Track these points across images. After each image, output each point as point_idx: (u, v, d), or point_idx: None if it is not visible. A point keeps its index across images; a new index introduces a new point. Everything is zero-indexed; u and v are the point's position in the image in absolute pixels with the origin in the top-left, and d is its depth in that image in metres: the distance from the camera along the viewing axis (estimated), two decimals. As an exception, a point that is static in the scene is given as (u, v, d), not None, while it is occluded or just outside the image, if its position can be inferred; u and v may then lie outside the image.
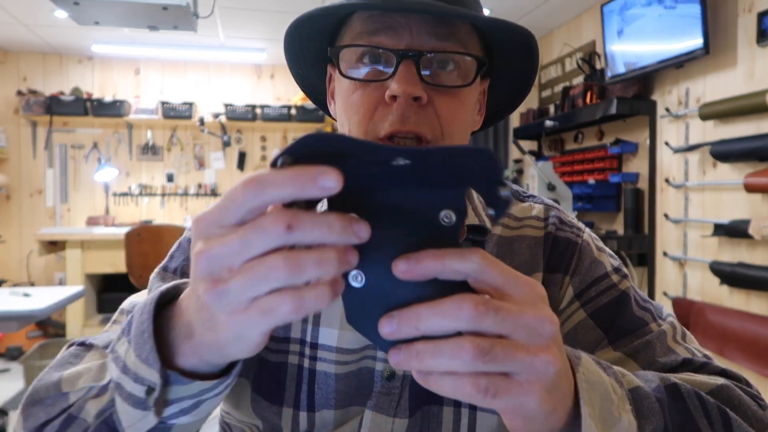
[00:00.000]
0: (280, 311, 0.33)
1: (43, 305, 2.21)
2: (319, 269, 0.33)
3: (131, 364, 0.42)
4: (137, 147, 4.95)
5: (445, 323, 0.34)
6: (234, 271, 0.33)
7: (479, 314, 0.33)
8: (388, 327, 0.35)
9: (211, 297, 0.34)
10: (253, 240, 0.32)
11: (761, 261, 2.46)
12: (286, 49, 0.67)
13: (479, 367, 0.34)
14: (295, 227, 0.32)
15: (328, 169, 0.32)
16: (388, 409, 0.64)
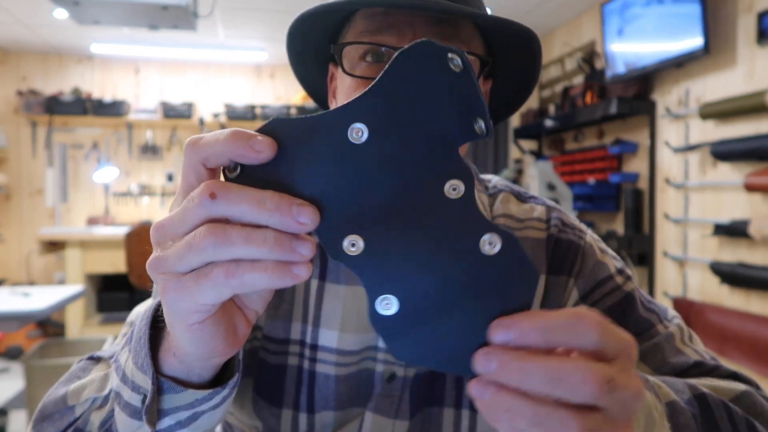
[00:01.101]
0: (212, 275, 0.32)
1: (43, 305, 2.21)
2: (247, 245, 0.31)
3: (129, 372, 0.42)
4: (137, 147, 4.95)
5: (555, 389, 0.30)
6: (175, 240, 0.33)
7: (602, 394, 0.30)
8: (485, 365, 0.31)
9: (153, 265, 0.34)
10: (186, 210, 0.33)
11: (761, 261, 2.46)
12: (289, 46, 0.67)
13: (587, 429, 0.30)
14: (219, 196, 0.31)
15: (261, 135, 0.32)
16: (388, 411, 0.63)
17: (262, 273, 0.31)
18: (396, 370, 0.64)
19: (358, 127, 0.32)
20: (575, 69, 3.78)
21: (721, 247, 2.67)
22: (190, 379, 0.41)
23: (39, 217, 4.74)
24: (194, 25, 2.64)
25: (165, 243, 0.34)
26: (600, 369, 0.30)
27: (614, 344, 0.31)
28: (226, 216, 0.32)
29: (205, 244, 0.31)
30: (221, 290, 0.32)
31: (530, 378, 0.30)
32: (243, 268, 0.31)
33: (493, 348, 0.31)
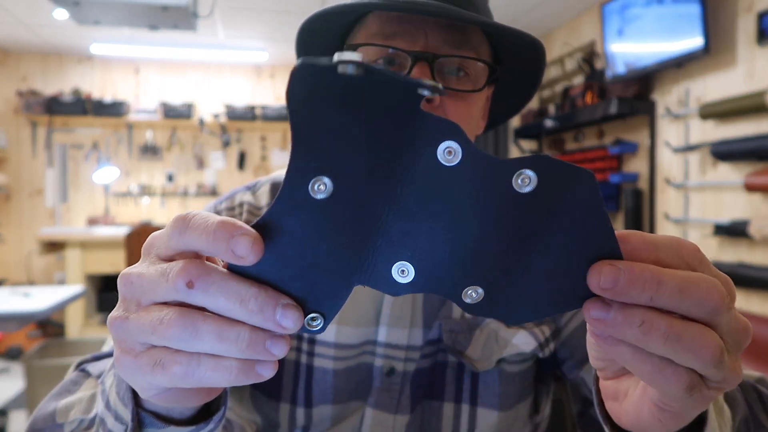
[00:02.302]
0: (170, 371, 0.29)
1: (43, 305, 2.21)
2: (218, 343, 0.28)
3: (113, 401, 0.41)
4: (137, 147, 4.95)
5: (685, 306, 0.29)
6: (140, 307, 0.31)
7: (722, 307, 0.29)
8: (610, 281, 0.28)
9: (113, 326, 0.31)
10: (157, 283, 0.30)
11: (761, 261, 2.45)
12: (299, 43, 0.67)
13: (706, 371, 0.30)
14: (197, 286, 0.28)
15: (248, 232, 0.28)
16: (389, 406, 0.64)
17: (224, 373, 0.29)
18: (395, 364, 0.64)
19: (321, 180, 0.28)
20: (575, 69, 3.78)
21: (721, 247, 2.67)
22: (172, 416, 0.40)
23: (39, 218, 4.74)
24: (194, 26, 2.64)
25: (130, 303, 0.31)
26: (720, 285, 0.29)
27: (715, 274, 0.31)
28: (202, 306, 0.29)
29: (171, 333, 0.29)
30: (177, 383, 0.30)
31: (662, 289, 0.28)
32: (204, 368, 0.29)
33: (613, 264, 0.29)
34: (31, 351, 2.71)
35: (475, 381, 0.65)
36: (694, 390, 0.30)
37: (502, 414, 0.65)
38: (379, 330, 0.65)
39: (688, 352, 0.29)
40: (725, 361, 0.29)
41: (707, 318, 0.29)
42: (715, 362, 0.29)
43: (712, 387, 0.31)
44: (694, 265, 0.30)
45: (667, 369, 0.29)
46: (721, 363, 0.29)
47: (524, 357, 0.66)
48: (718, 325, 0.30)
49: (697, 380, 0.30)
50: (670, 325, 0.28)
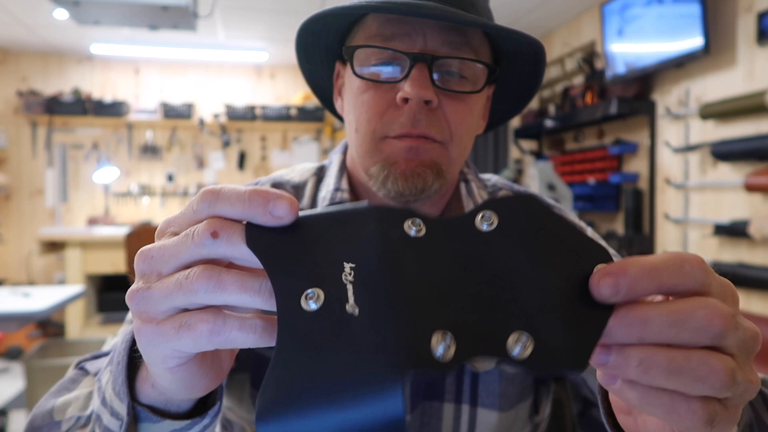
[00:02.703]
0: (197, 329, 0.30)
1: (43, 305, 2.21)
2: (242, 293, 0.30)
3: (108, 397, 0.41)
4: (137, 147, 4.95)
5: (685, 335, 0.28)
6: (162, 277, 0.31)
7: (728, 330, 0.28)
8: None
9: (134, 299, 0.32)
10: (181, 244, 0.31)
11: (761, 261, 2.45)
12: (298, 42, 0.68)
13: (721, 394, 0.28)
14: (222, 235, 0.30)
15: (283, 195, 0.30)
16: None
17: (249, 333, 0.30)
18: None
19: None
20: (575, 69, 3.79)
21: (721, 248, 2.67)
22: (169, 410, 0.40)
23: (39, 217, 4.74)
24: (194, 26, 2.64)
25: (150, 275, 0.32)
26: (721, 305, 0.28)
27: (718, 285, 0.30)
28: (226, 257, 0.31)
29: (198, 286, 0.30)
30: (202, 344, 0.30)
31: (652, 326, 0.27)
32: (230, 326, 0.30)
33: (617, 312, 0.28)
34: (31, 351, 2.71)
35: (475, 381, 0.65)
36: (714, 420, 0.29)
37: (502, 414, 0.65)
38: None
39: (696, 381, 0.28)
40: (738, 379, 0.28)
41: (713, 343, 0.28)
42: (726, 385, 0.28)
43: (732, 406, 0.30)
44: (701, 279, 0.29)
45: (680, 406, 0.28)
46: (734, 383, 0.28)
47: None
48: (726, 346, 0.29)
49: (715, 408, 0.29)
50: (670, 359, 0.27)
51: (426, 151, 0.59)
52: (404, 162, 0.59)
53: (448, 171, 0.62)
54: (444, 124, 0.59)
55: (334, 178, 0.70)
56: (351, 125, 0.63)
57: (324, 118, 4.95)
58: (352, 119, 0.63)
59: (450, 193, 0.71)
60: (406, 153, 0.59)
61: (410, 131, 0.58)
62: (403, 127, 0.58)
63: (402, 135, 0.58)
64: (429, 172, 0.60)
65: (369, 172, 0.62)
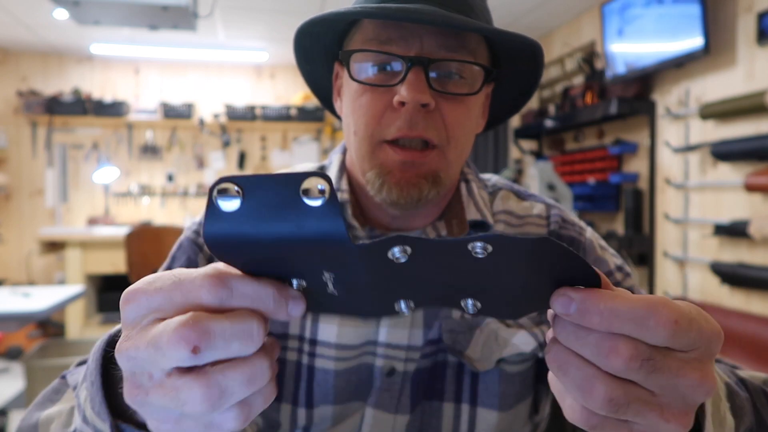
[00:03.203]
0: (230, 414, 0.30)
1: (43, 305, 2.21)
2: (250, 388, 0.30)
3: (89, 416, 0.40)
4: (137, 147, 4.95)
5: (590, 354, 0.30)
6: (153, 380, 0.30)
7: (630, 369, 0.30)
8: (563, 307, 0.31)
9: (134, 403, 0.31)
10: (158, 350, 0.28)
11: (761, 261, 2.45)
12: (297, 43, 0.68)
13: (606, 413, 0.31)
14: (203, 348, 0.28)
15: (296, 294, 0.30)
16: (389, 406, 0.64)
17: (267, 397, 0.33)
18: (395, 364, 0.64)
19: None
20: (575, 69, 3.78)
21: (721, 247, 2.67)
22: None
23: (39, 217, 4.74)
24: (194, 26, 2.64)
25: (141, 377, 0.30)
26: (637, 347, 0.30)
27: (689, 341, 0.30)
28: (204, 363, 0.29)
29: (201, 410, 0.29)
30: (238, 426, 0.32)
31: (567, 334, 0.31)
32: (255, 407, 0.32)
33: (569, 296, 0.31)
34: (31, 351, 2.71)
35: (475, 381, 0.65)
36: (618, 405, 0.31)
37: (501, 414, 0.65)
38: (379, 330, 0.65)
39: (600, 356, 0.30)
40: (634, 407, 0.30)
41: (616, 374, 0.30)
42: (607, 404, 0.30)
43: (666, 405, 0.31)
44: (663, 338, 0.30)
45: (589, 380, 0.31)
46: (622, 406, 0.30)
47: (524, 357, 0.66)
48: (643, 386, 0.31)
49: (621, 392, 0.30)
50: (577, 376, 0.31)
51: (422, 164, 0.59)
52: (399, 172, 0.60)
53: (447, 177, 0.62)
54: (441, 126, 0.59)
55: (334, 179, 0.70)
56: (349, 128, 0.63)
57: (324, 118, 4.95)
58: (350, 122, 0.63)
59: (450, 194, 0.71)
60: (401, 167, 0.59)
61: (407, 134, 0.58)
62: (400, 129, 0.58)
63: (399, 137, 0.58)
64: (425, 182, 0.60)
65: (365, 176, 0.62)
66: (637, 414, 0.31)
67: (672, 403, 0.31)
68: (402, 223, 0.68)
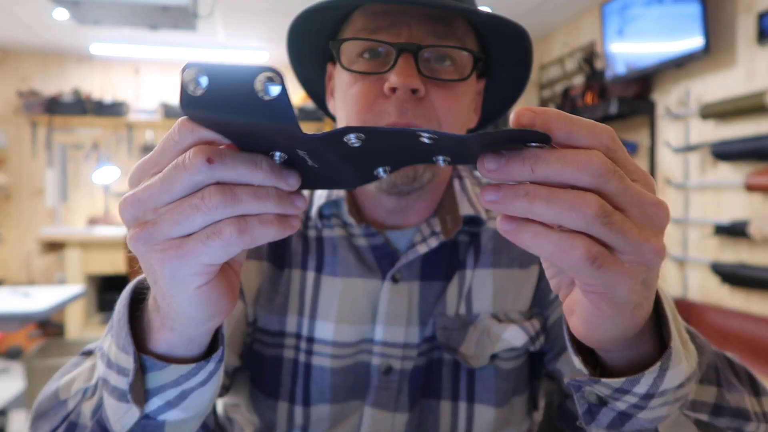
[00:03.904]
0: (224, 234, 0.32)
1: (43, 305, 2.21)
2: (257, 201, 0.32)
3: (113, 357, 0.42)
4: (137, 147, 4.95)
5: (568, 173, 0.30)
6: (160, 211, 0.32)
7: (607, 173, 0.30)
8: (493, 164, 0.30)
9: (140, 239, 0.33)
10: (174, 177, 0.31)
11: (761, 261, 2.45)
12: (289, 45, 0.68)
13: (595, 229, 0.30)
14: (217, 161, 0.31)
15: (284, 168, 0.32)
16: (387, 405, 0.64)
17: (269, 227, 0.32)
18: (392, 362, 0.64)
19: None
20: (575, 69, 3.79)
21: (721, 248, 2.67)
22: (190, 352, 0.41)
23: (39, 217, 4.74)
24: (194, 26, 2.64)
25: (145, 215, 0.33)
26: (604, 157, 0.30)
27: (627, 164, 0.32)
28: (222, 180, 0.32)
29: (216, 203, 0.31)
30: (231, 248, 0.32)
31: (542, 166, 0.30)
32: (252, 223, 0.32)
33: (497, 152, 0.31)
34: (31, 351, 2.71)
35: (471, 378, 0.66)
36: (597, 259, 0.30)
37: (498, 410, 0.66)
38: (375, 328, 0.65)
39: (569, 210, 0.29)
40: (617, 222, 0.30)
41: (592, 185, 0.30)
42: (596, 216, 0.29)
43: (628, 261, 0.31)
44: (606, 143, 0.31)
45: (564, 242, 0.30)
46: (608, 220, 0.30)
47: (517, 352, 0.67)
48: (606, 192, 0.30)
49: (598, 249, 0.30)
50: (550, 191, 0.30)
51: None
52: None
53: None
54: (432, 112, 0.60)
55: None
56: (342, 121, 0.64)
57: (324, 118, 4.96)
58: (342, 115, 0.63)
59: (443, 189, 0.71)
60: None
61: (398, 121, 0.58)
62: (391, 116, 0.58)
63: (390, 125, 0.59)
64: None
65: None
66: (622, 230, 0.30)
67: (645, 223, 0.31)
68: (397, 220, 0.69)
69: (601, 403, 0.40)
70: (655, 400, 0.38)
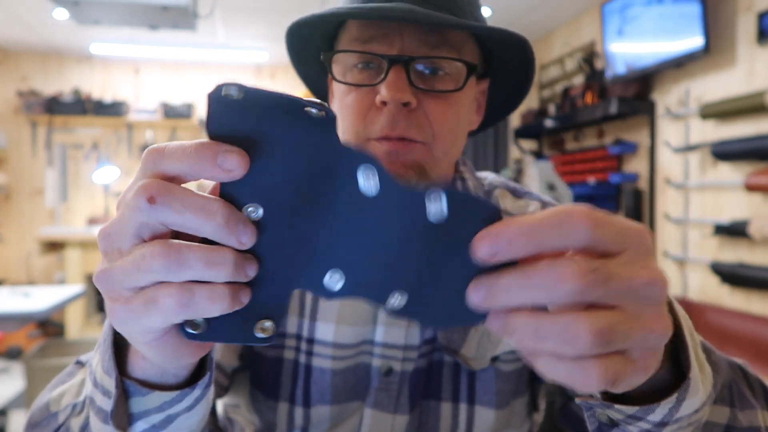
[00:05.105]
0: (163, 304, 0.29)
1: (43, 305, 2.21)
2: (207, 267, 0.28)
3: (99, 377, 0.41)
4: (137, 147, 4.95)
5: (543, 296, 0.27)
6: (122, 253, 0.30)
7: (586, 287, 0.27)
8: (476, 296, 0.29)
9: (100, 280, 0.31)
10: (124, 216, 0.29)
11: (761, 261, 2.45)
12: (289, 48, 0.68)
13: (599, 351, 0.27)
14: (160, 200, 0.28)
15: (233, 148, 0.28)
16: (387, 406, 0.64)
17: (219, 302, 0.29)
18: (393, 364, 0.64)
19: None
20: (575, 69, 3.78)
21: (721, 247, 2.67)
22: (165, 381, 0.39)
23: (39, 217, 4.74)
24: (194, 25, 2.64)
25: (112, 254, 0.31)
26: (578, 264, 0.27)
27: (614, 237, 0.28)
28: (166, 224, 0.29)
29: (156, 266, 0.28)
30: (172, 318, 0.30)
31: (514, 295, 0.28)
32: (199, 297, 0.29)
33: (478, 279, 0.30)
34: (31, 351, 2.71)
35: (472, 380, 0.66)
36: (616, 379, 0.28)
37: (499, 412, 0.66)
38: (376, 329, 0.65)
39: (565, 344, 0.27)
40: (619, 330, 0.27)
41: (576, 300, 0.27)
42: (598, 343, 0.27)
43: (636, 356, 0.29)
44: (583, 236, 0.28)
45: (575, 371, 0.28)
46: (610, 338, 0.27)
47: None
48: (592, 300, 0.28)
49: (614, 368, 0.28)
50: (535, 325, 0.28)
51: (407, 153, 0.59)
52: (387, 164, 0.59)
53: (433, 170, 0.62)
54: (425, 123, 0.59)
55: None
56: (340, 130, 0.64)
57: (324, 118, 4.95)
58: (339, 121, 0.63)
59: None
60: (387, 156, 0.59)
61: (389, 133, 0.57)
62: (383, 129, 0.58)
63: (382, 137, 0.58)
64: (412, 173, 0.60)
65: None
66: (627, 336, 0.28)
67: (643, 309, 0.29)
68: None
69: (612, 424, 0.40)
70: (668, 428, 0.38)
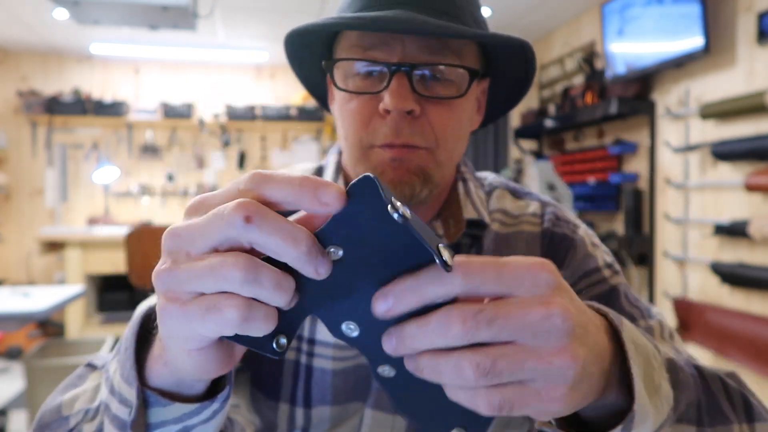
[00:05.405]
0: (225, 313, 0.30)
1: (43, 305, 2.21)
2: (274, 290, 0.30)
3: (117, 384, 0.41)
4: (137, 147, 4.95)
5: (440, 341, 0.30)
6: (191, 256, 0.31)
7: (469, 330, 0.30)
8: (388, 345, 0.32)
9: (160, 278, 0.31)
10: (210, 225, 0.30)
11: (761, 261, 2.45)
12: (288, 52, 0.68)
13: (485, 383, 0.30)
14: (255, 222, 0.29)
15: (333, 184, 0.30)
16: (388, 407, 0.64)
17: (268, 323, 0.31)
18: None
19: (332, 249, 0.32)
20: (575, 69, 3.79)
21: (721, 247, 2.67)
22: (180, 391, 0.39)
23: (39, 217, 4.74)
24: (194, 25, 2.64)
25: (178, 254, 0.31)
26: (460, 310, 0.30)
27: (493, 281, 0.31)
28: (252, 243, 0.30)
29: (234, 276, 0.29)
30: (226, 330, 0.31)
31: (417, 342, 0.31)
32: (257, 314, 0.30)
33: (389, 329, 0.32)
34: (31, 351, 2.71)
35: None
36: (506, 408, 0.31)
37: None
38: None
39: (456, 377, 0.31)
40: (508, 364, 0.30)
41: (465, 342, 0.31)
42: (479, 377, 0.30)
43: (542, 387, 0.31)
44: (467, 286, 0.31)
45: (470, 396, 0.31)
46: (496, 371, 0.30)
47: None
48: (482, 341, 0.31)
49: (500, 398, 0.31)
50: (432, 362, 0.31)
51: (411, 159, 0.59)
52: (391, 171, 0.59)
53: (437, 175, 0.62)
54: (429, 130, 0.59)
55: (330, 179, 0.70)
56: (340, 131, 0.64)
57: (324, 118, 4.95)
58: (340, 126, 0.63)
59: (446, 194, 0.70)
60: (391, 163, 0.59)
61: (393, 141, 0.57)
62: (387, 137, 0.58)
63: (386, 144, 0.58)
64: (416, 179, 0.60)
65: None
66: (514, 368, 0.30)
67: (539, 343, 0.31)
68: None
69: None
70: None
